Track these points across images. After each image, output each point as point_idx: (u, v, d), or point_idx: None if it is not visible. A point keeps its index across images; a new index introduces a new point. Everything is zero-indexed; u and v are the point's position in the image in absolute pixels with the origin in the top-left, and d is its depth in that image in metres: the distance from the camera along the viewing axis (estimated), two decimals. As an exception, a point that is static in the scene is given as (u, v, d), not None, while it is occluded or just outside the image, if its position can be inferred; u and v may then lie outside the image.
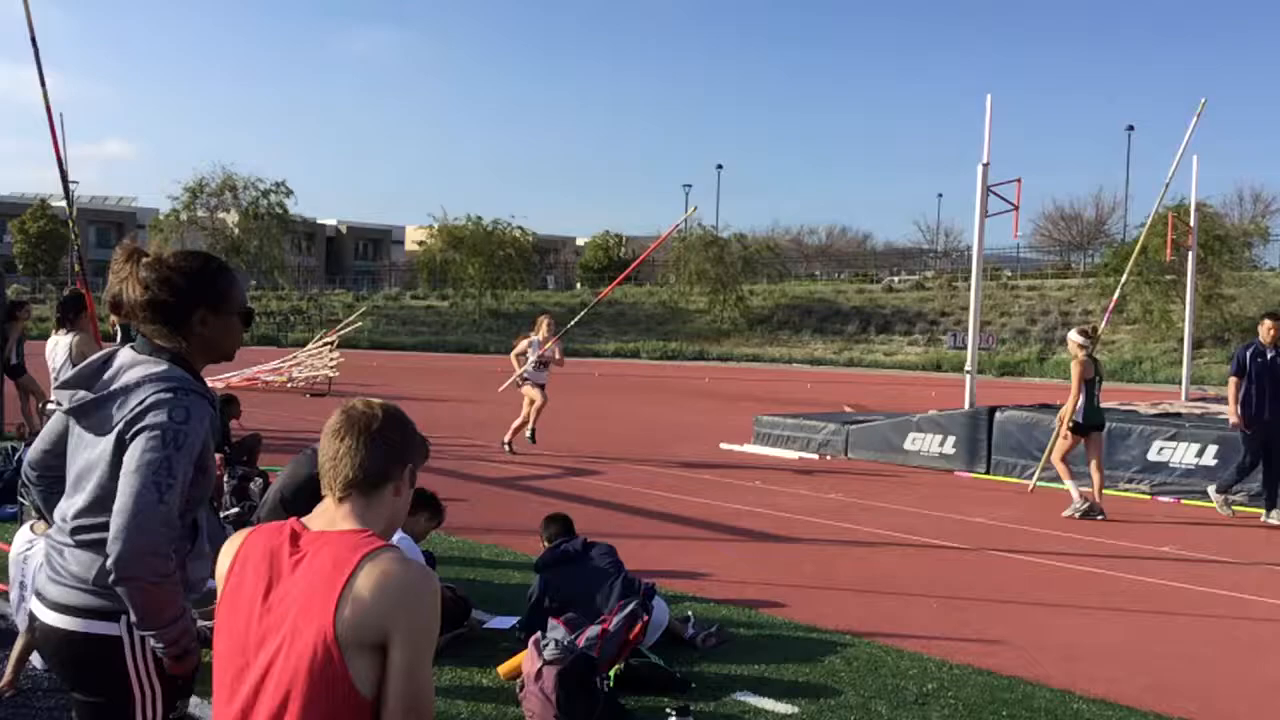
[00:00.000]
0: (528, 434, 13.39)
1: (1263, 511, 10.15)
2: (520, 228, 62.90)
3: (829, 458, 14.23)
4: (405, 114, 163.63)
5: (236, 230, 62.59)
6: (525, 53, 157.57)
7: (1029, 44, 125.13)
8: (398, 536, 5.58)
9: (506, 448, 13.40)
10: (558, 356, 13.54)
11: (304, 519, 2.15)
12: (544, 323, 13.58)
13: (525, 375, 13.28)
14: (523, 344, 13.51)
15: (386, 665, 1.99)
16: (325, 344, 25.73)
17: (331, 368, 24.19)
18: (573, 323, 18.84)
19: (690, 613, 6.04)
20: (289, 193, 63.06)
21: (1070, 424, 10.48)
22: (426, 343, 57.50)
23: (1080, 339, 10.67)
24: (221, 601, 2.15)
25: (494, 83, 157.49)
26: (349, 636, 1.97)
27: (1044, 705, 4.88)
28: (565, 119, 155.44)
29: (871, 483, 11.88)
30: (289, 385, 23.95)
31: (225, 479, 8.49)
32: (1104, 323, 11.16)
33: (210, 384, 3.05)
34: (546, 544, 6.15)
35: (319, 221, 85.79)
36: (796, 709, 4.77)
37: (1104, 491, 10.42)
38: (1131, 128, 67.80)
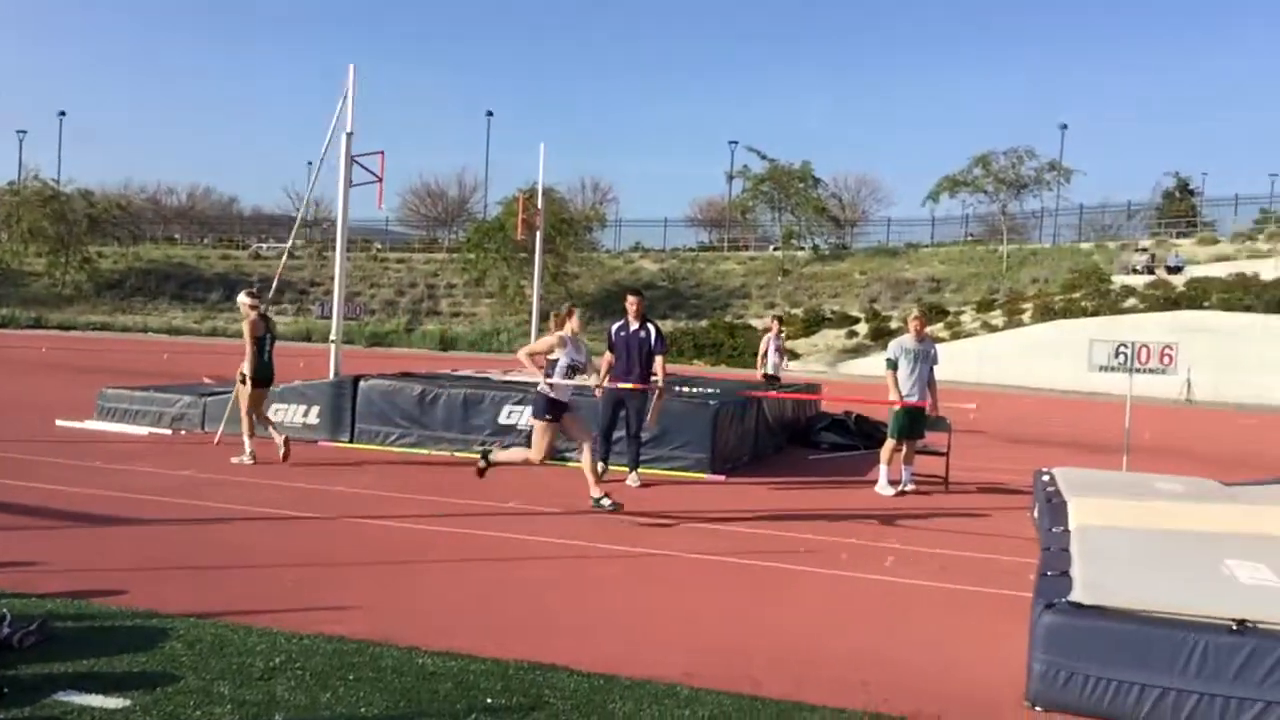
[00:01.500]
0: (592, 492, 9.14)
1: (626, 470, 11.14)
2: None
3: (184, 433, 13.42)
4: None
5: None
6: None
7: (396, 18, 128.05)
8: None
9: (604, 502, 9.02)
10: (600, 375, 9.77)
11: None
12: (574, 314, 9.53)
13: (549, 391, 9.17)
14: (549, 341, 9.37)
15: None
16: None
17: None
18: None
19: (6, 611, 5.29)
20: None
21: (245, 378, 11.29)
22: None
23: (250, 300, 11.62)
24: None
25: None
26: None
27: (391, 664, 5.00)
28: None
29: (230, 457, 11.38)
30: None
31: None
32: (271, 291, 12.44)
33: None
34: None
35: None
36: (129, 701, 4.37)
37: (288, 439, 11.35)
38: (491, 113, 72.54)
